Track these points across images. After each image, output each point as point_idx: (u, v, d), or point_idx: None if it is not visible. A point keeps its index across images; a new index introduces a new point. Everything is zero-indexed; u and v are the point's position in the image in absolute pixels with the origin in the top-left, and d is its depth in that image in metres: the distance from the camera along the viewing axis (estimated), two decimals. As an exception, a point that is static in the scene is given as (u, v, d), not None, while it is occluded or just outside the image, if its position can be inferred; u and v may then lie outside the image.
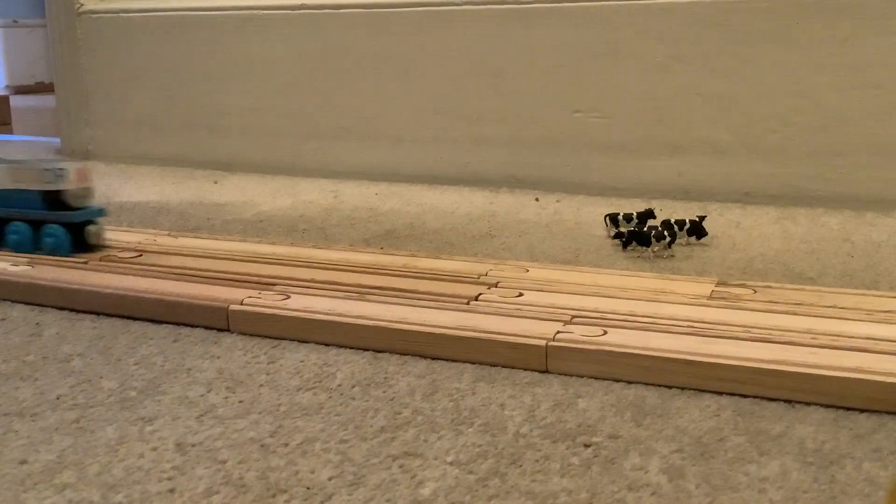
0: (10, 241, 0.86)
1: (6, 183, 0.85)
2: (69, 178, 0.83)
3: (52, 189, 0.83)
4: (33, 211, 0.84)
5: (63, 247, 0.83)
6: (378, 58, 1.31)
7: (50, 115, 1.91)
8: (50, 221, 0.84)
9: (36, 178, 0.84)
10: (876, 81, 1.05)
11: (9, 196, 0.85)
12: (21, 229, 0.85)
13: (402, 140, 1.31)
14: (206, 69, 1.44)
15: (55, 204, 0.84)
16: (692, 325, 0.62)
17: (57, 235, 0.83)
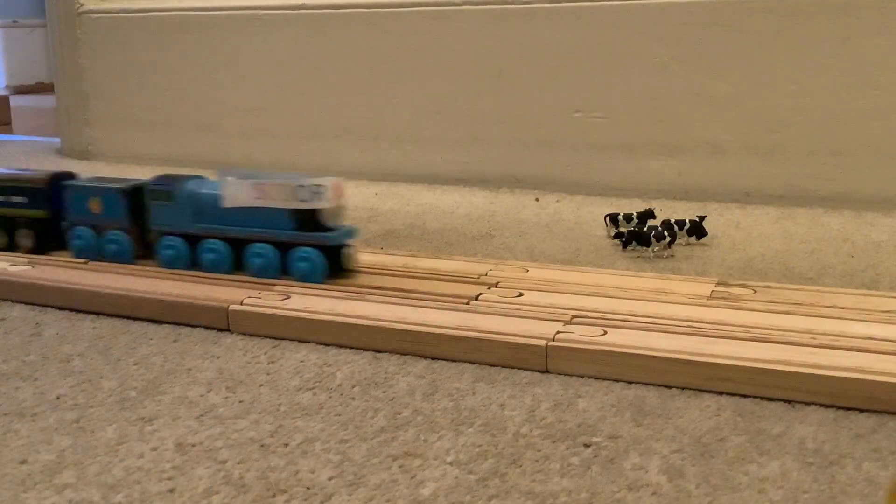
0: (252, 265, 0.75)
1: (247, 199, 0.74)
2: (327, 194, 0.73)
3: (307, 208, 0.73)
4: (283, 232, 0.74)
5: (317, 272, 0.74)
6: (378, 58, 1.31)
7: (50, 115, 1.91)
8: (302, 243, 0.74)
9: (287, 194, 0.73)
10: (876, 81, 1.05)
11: (250, 214, 0.75)
12: (266, 252, 0.75)
13: (402, 140, 1.31)
14: (206, 69, 1.44)
15: (306, 224, 0.74)
16: (692, 325, 0.62)
17: (311, 259, 0.73)
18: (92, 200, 0.81)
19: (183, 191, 0.77)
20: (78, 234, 0.82)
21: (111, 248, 0.80)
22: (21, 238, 0.85)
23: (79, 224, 0.82)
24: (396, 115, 1.31)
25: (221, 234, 0.77)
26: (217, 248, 0.76)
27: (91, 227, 0.81)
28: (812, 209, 1.07)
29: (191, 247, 0.77)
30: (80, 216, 0.82)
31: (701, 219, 0.92)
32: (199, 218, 0.77)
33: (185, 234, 0.78)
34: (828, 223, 1.01)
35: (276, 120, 1.40)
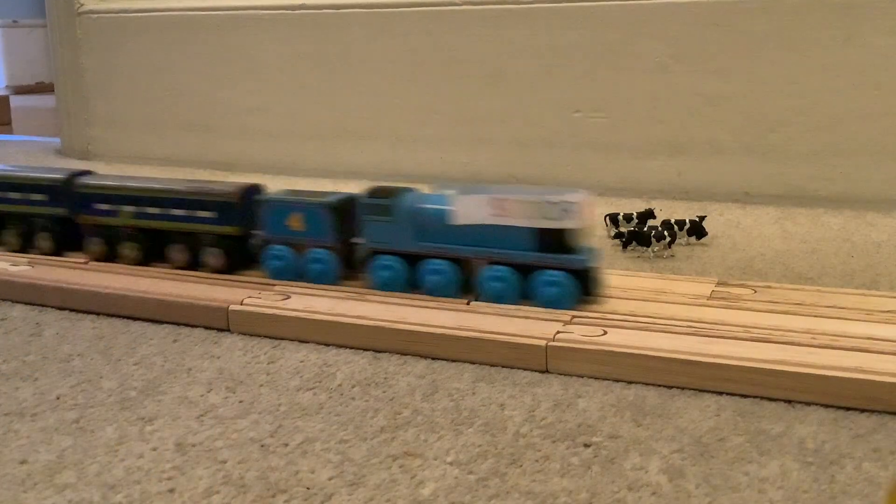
0: (490, 289, 0.68)
1: (483, 217, 0.67)
2: (578, 212, 0.65)
3: (554, 227, 0.66)
4: (526, 253, 0.67)
5: (568, 297, 0.66)
6: (378, 58, 1.31)
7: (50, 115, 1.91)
8: (549, 266, 0.66)
9: (532, 211, 0.66)
10: (876, 81, 1.05)
11: (482, 233, 0.68)
12: (504, 275, 0.67)
13: (402, 140, 1.31)
14: (206, 69, 1.44)
15: (549, 243, 0.66)
16: (692, 325, 0.62)
17: (561, 284, 0.66)
18: (293, 216, 0.74)
19: (403, 206, 0.70)
20: (275, 253, 0.74)
21: (315, 269, 0.73)
22: (209, 257, 0.77)
23: (276, 242, 0.74)
24: (396, 115, 1.31)
25: (448, 253, 0.69)
26: (443, 269, 0.69)
27: (290, 246, 0.74)
28: (812, 209, 1.07)
29: (409, 267, 0.70)
30: (278, 233, 0.74)
31: (701, 219, 0.92)
32: (421, 236, 0.70)
33: (403, 254, 0.71)
34: (828, 223, 1.01)
35: (276, 120, 1.40)
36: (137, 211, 0.79)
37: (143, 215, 0.79)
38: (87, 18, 1.54)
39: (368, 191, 0.72)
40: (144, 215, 0.79)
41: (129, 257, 0.79)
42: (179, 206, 0.77)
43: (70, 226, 0.82)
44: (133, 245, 0.79)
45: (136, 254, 0.79)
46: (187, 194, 0.77)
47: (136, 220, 0.79)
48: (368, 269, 0.72)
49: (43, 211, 0.83)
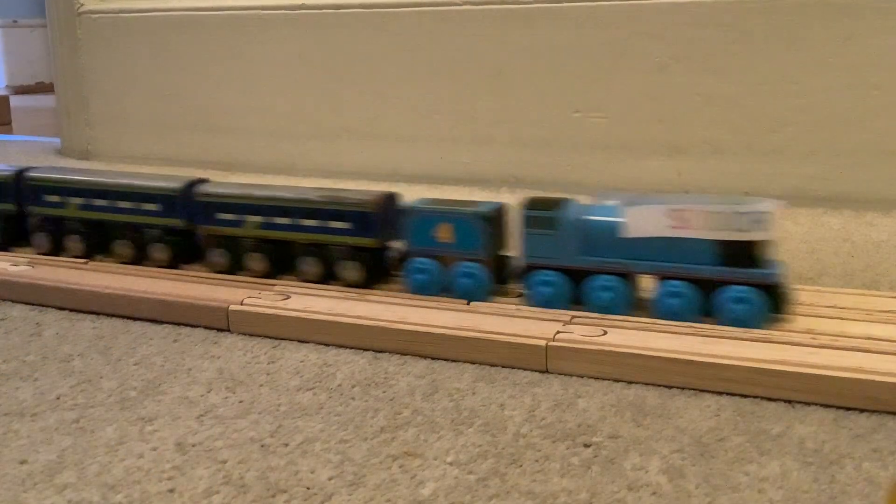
0: (667, 306, 0.64)
1: (660, 229, 0.63)
2: (769, 222, 0.61)
3: (745, 239, 0.62)
4: (709, 268, 0.63)
5: (759, 315, 0.62)
6: (378, 58, 1.31)
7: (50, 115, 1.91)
8: (735, 281, 0.62)
9: (719, 222, 0.61)
10: (876, 81, 1.05)
11: (656, 246, 0.64)
12: (683, 291, 0.63)
13: (402, 140, 1.31)
14: (206, 69, 1.44)
15: (734, 257, 0.62)
16: (692, 325, 0.62)
17: (750, 300, 0.62)
18: (441, 226, 0.69)
19: (568, 218, 0.66)
20: (419, 266, 0.70)
21: (464, 284, 0.69)
22: (345, 270, 0.73)
23: (420, 254, 0.70)
24: (396, 115, 1.31)
25: (618, 268, 0.65)
26: (613, 285, 0.65)
27: (435, 259, 0.70)
28: (812, 209, 1.07)
29: (573, 283, 0.66)
30: (423, 245, 0.70)
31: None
32: (588, 249, 0.66)
33: (565, 269, 0.67)
34: (828, 223, 1.01)
35: (276, 120, 1.40)
36: (265, 221, 0.74)
37: (272, 226, 0.74)
38: (87, 18, 1.54)
39: (527, 201, 0.68)
40: (273, 226, 0.74)
41: (256, 270, 0.76)
42: (311, 217, 0.73)
43: (187, 237, 0.79)
44: (259, 257, 0.75)
45: (263, 266, 0.75)
46: (320, 203, 0.73)
47: (264, 230, 0.75)
48: (525, 284, 0.68)
49: (157, 221, 0.78)
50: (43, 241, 0.84)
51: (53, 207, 0.82)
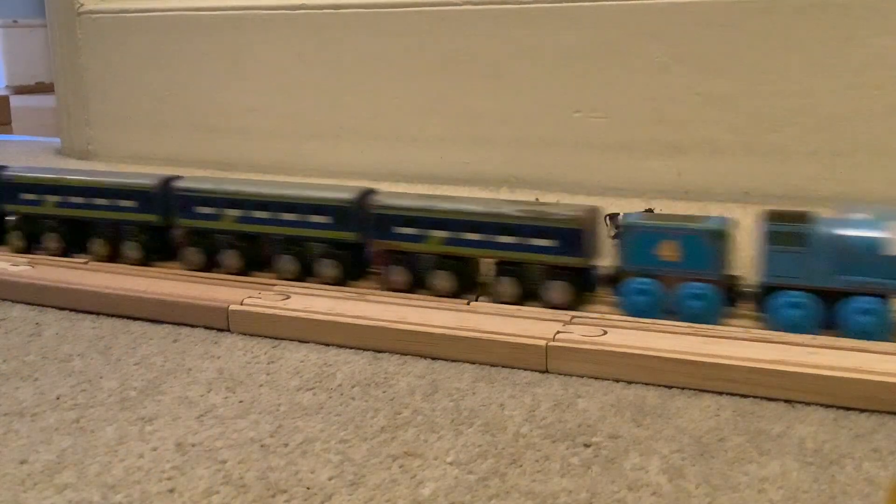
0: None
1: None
2: None
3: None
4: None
5: None
6: (378, 58, 1.31)
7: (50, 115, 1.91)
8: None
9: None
10: (876, 81, 1.05)
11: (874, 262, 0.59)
12: (875, 308, 0.59)
13: (402, 140, 1.31)
14: (206, 69, 1.44)
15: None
16: (692, 325, 0.62)
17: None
18: (664, 244, 0.64)
19: (821, 233, 0.61)
20: (640, 287, 0.65)
21: (693, 306, 0.63)
22: (550, 291, 0.67)
23: (639, 274, 0.65)
24: (396, 115, 1.31)
25: (879, 289, 0.60)
26: (873, 307, 0.59)
27: (656, 279, 0.65)
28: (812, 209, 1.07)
29: (825, 305, 0.61)
30: (643, 264, 0.65)
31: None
32: (845, 268, 0.60)
33: (817, 289, 0.61)
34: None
35: (276, 120, 1.40)
36: (451, 237, 0.69)
37: (457, 241, 0.69)
38: (87, 18, 1.54)
39: (768, 214, 0.63)
40: (458, 241, 0.69)
41: (440, 290, 0.70)
42: (508, 233, 0.67)
43: (358, 251, 0.74)
44: (444, 275, 0.69)
45: (448, 285, 0.70)
46: (520, 219, 0.67)
47: (449, 246, 0.69)
48: (766, 306, 0.62)
49: (324, 235, 0.73)
50: (195, 257, 0.78)
51: (208, 220, 0.77)
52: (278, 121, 1.40)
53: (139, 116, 1.52)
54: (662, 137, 1.16)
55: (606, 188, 1.19)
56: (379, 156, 1.33)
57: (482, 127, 1.25)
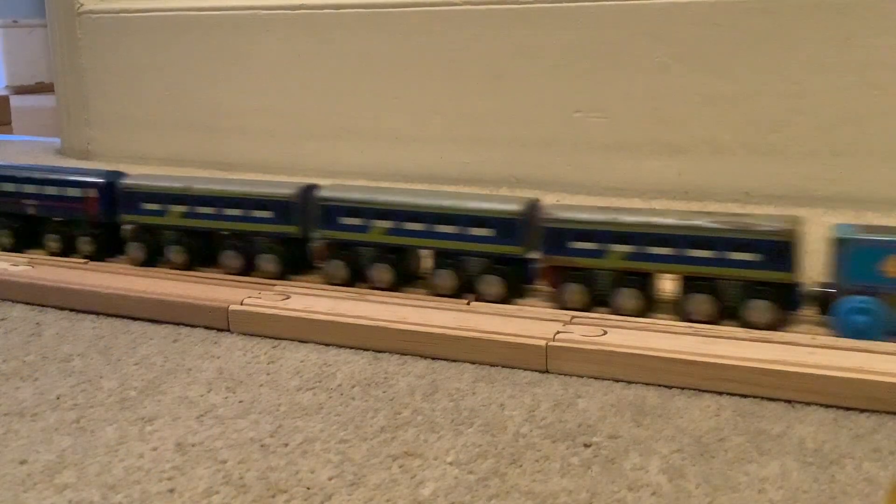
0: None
1: None
2: None
3: None
4: None
5: None
6: (378, 58, 1.31)
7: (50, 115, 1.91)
8: None
9: None
10: (876, 81, 1.05)
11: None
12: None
13: (402, 140, 1.31)
14: (206, 69, 1.44)
15: None
16: (692, 325, 0.62)
17: None
18: (890, 259, 0.59)
19: None
20: (860, 306, 0.60)
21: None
22: (753, 311, 0.62)
23: (858, 292, 0.60)
24: (396, 115, 1.31)
25: None
26: None
27: (879, 297, 0.59)
28: (812, 209, 1.07)
29: None
30: (864, 281, 0.60)
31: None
32: None
33: None
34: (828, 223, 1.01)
35: (276, 120, 1.40)
36: (633, 251, 0.64)
37: (641, 256, 0.64)
38: (87, 18, 1.54)
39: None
40: (643, 256, 0.64)
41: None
42: (703, 246, 0.63)
43: (522, 267, 0.69)
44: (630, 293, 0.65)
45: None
46: (719, 231, 0.62)
47: (632, 262, 0.65)
48: None
49: (486, 249, 0.68)
50: (339, 271, 0.73)
51: (353, 232, 0.72)
52: (278, 121, 1.40)
53: (139, 116, 1.52)
54: (662, 137, 1.16)
55: (606, 188, 1.19)
56: (379, 156, 1.33)
57: (482, 127, 1.25)
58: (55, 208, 0.82)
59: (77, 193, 0.81)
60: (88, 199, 0.80)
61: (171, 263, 0.78)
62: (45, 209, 0.83)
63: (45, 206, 0.83)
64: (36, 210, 0.83)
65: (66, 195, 0.82)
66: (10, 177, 0.84)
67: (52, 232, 0.83)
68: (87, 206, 0.81)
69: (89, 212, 0.81)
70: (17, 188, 0.84)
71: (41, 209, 0.83)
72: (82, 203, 0.81)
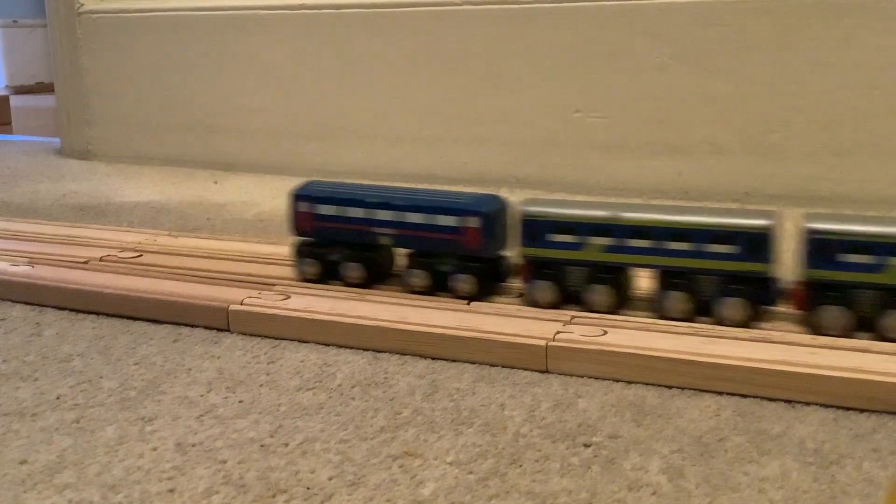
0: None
1: None
2: None
3: None
4: None
5: None
6: (378, 58, 1.31)
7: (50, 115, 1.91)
8: None
9: None
10: (876, 81, 1.05)
11: None
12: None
13: (402, 140, 1.31)
14: (206, 69, 1.44)
15: None
16: (692, 325, 0.62)
17: None
18: None
19: None
20: None
21: None
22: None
23: None
24: (396, 115, 1.31)
25: None
26: None
27: None
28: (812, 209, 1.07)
29: None
30: None
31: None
32: None
33: None
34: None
35: (276, 120, 1.40)
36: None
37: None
38: (87, 18, 1.54)
39: None
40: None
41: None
42: None
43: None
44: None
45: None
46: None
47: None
48: None
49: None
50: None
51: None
52: (278, 121, 1.40)
53: (139, 116, 1.52)
54: (662, 137, 1.16)
55: (606, 188, 1.19)
56: (379, 156, 1.33)
57: (482, 127, 1.26)
58: (422, 239, 0.69)
59: (453, 222, 0.68)
60: (469, 230, 0.67)
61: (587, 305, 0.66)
62: (406, 240, 0.70)
63: (405, 237, 0.70)
64: (392, 240, 0.70)
65: (437, 224, 0.68)
66: (358, 200, 0.71)
67: (417, 267, 0.70)
68: (467, 238, 0.68)
69: (469, 244, 0.68)
70: (368, 213, 0.70)
71: (400, 240, 0.70)
72: (460, 234, 0.68)
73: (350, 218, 0.71)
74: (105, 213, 1.12)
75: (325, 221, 0.72)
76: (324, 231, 0.72)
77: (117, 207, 1.15)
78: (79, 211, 1.14)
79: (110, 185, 1.33)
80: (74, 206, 1.16)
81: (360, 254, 0.72)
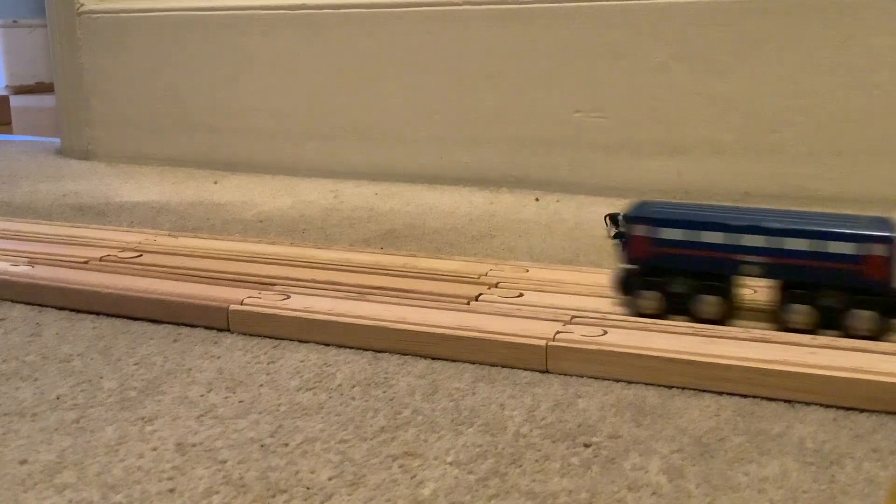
0: None
1: None
2: None
3: None
4: None
5: None
6: (378, 58, 1.31)
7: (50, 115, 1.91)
8: None
9: None
10: (876, 81, 1.05)
11: None
12: None
13: (402, 140, 1.31)
14: (206, 69, 1.44)
15: None
16: (692, 325, 0.62)
17: None
18: None
19: None
20: None
21: None
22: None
23: None
24: (396, 115, 1.31)
25: None
26: None
27: None
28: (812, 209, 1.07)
29: None
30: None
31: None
32: None
33: None
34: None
35: (276, 120, 1.40)
36: None
37: None
38: (87, 18, 1.54)
39: None
40: None
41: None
42: None
43: None
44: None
45: None
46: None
47: None
48: None
49: None
50: None
51: None
52: (278, 121, 1.40)
53: (139, 116, 1.52)
54: (662, 137, 1.16)
55: (606, 188, 1.19)
56: (379, 156, 1.33)
57: (482, 127, 1.26)
58: (806, 269, 0.61)
59: (851, 250, 0.60)
60: (872, 258, 0.60)
61: None
62: (782, 270, 0.62)
63: (780, 266, 0.62)
64: (761, 270, 0.62)
65: (828, 251, 0.61)
66: (716, 223, 0.63)
67: (798, 301, 0.62)
68: (869, 268, 0.60)
69: (872, 275, 0.60)
70: (730, 239, 0.62)
71: (774, 269, 0.62)
72: (860, 262, 0.60)
73: (705, 244, 0.63)
74: (105, 213, 1.12)
75: (671, 247, 0.64)
76: (667, 258, 0.64)
77: (117, 207, 1.15)
78: (79, 211, 1.14)
79: (110, 185, 1.33)
80: (74, 206, 1.16)
81: (715, 285, 0.63)
